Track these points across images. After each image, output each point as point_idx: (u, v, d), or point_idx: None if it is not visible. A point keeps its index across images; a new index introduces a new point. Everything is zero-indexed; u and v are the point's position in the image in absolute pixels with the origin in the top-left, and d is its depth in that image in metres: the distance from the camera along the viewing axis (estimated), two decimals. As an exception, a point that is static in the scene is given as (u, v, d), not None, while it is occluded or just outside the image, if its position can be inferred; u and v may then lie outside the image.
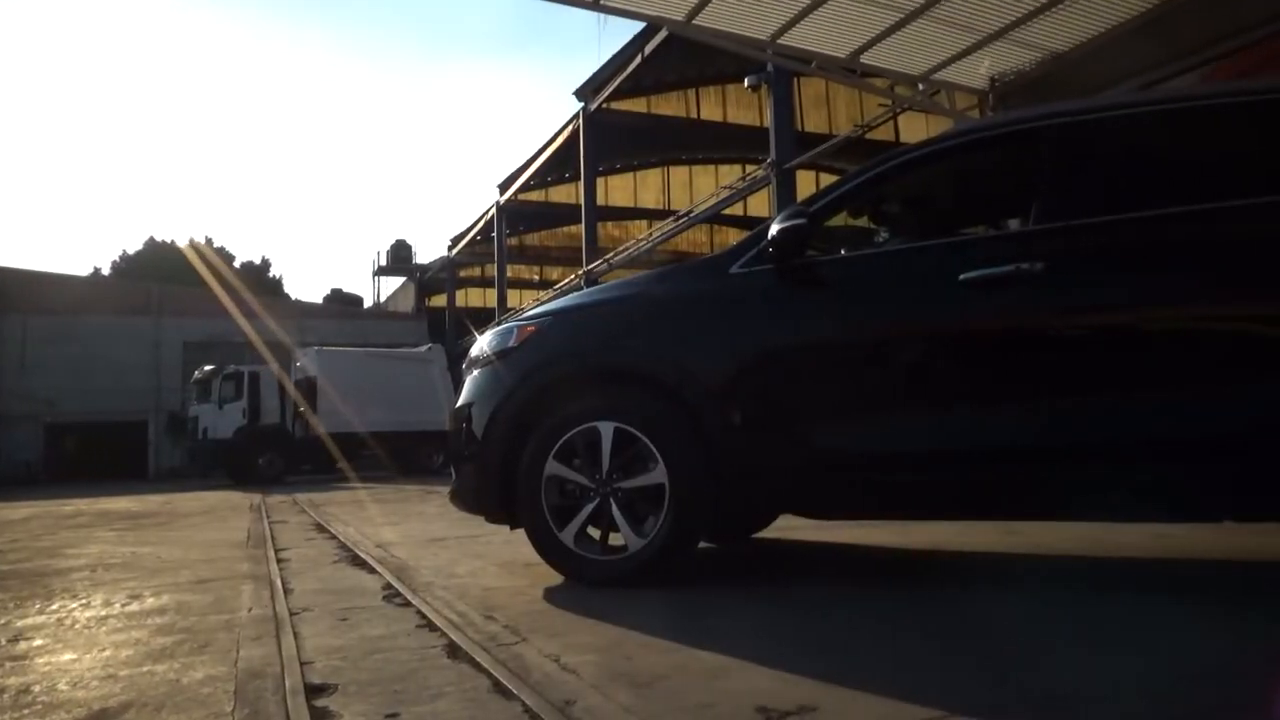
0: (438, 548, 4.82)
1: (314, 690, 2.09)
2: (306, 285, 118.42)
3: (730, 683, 2.01)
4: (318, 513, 8.19)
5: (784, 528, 4.77)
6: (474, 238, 31.59)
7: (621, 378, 3.38)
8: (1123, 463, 2.78)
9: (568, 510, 3.31)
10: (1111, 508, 3.08)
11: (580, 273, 21.54)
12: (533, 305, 20.63)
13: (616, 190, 28.33)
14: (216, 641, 2.69)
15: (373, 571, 4.04)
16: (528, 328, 3.59)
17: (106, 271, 47.47)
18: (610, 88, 19.99)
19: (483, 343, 3.78)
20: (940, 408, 3.03)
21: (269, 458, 19.77)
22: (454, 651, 2.40)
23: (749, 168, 21.07)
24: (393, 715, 1.88)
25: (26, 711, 2.05)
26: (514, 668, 2.19)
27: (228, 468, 19.96)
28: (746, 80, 14.69)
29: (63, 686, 2.25)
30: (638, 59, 18.56)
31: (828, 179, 18.95)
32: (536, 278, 34.07)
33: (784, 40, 8.30)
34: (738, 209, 23.14)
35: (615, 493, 3.24)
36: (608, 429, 3.26)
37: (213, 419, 20.72)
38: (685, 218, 20.29)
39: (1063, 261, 2.88)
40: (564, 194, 28.46)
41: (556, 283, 27.85)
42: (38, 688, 2.24)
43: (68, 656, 2.59)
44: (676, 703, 1.88)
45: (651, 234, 21.60)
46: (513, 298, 31.29)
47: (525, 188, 26.86)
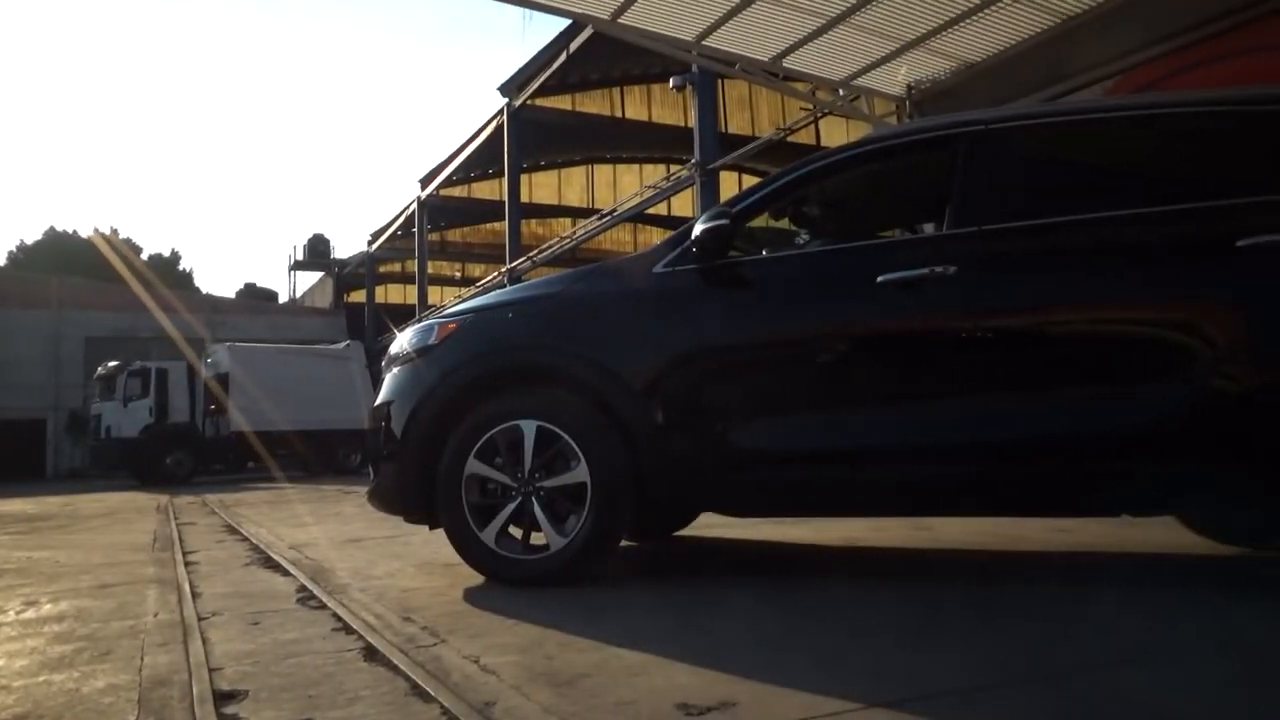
0: (355, 548, 4.72)
1: (223, 697, 2.03)
2: (219, 279, 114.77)
3: (651, 680, 2.01)
4: (228, 514, 7.94)
5: (704, 526, 4.81)
6: (394, 233, 31.03)
7: (544, 376, 3.36)
8: (1028, 460, 2.90)
9: (489, 509, 3.28)
10: (1018, 503, 3.20)
11: (503, 270, 21.36)
12: (454, 302, 20.36)
13: (540, 187, 28.17)
14: (119, 649, 2.58)
15: (286, 574, 3.93)
16: (449, 325, 3.55)
17: (2, 262, 45.18)
18: (535, 84, 19.87)
19: (403, 340, 3.71)
20: (858, 406, 3.10)
21: (177, 457, 19.09)
22: (371, 654, 2.36)
23: (673, 167, 21.19)
24: (306, 721, 1.83)
25: (-91, 726, 1.93)
26: (433, 669, 2.16)
27: (133, 468, 19.19)
28: (671, 81, 14.76)
29: (-50, 699, 2.13)
30: (563, 56, 18.49)
31: (751, 180, 19.18)
32: (458, 274, 33.65)
33: (709, 42, 8.37)
34: (662, 208, 23.25)
35: (537, 492, 3.23)
36: (530, 428, 3.24)
37: (117, 417, 19.89)
38: (609, 216, 20.30)
39: (974, 265, 2.98)
40: (487, 190, 28.18)
41: (479, 280, 27.58)
42: (-78, 701, 2.12)
43: (-44, 667, 2.45)
44: (597, 701, 1.88)
45: (575, 232, 21.56)
46: (434, 294, 30.84)
47: (448, 183, 26.49)
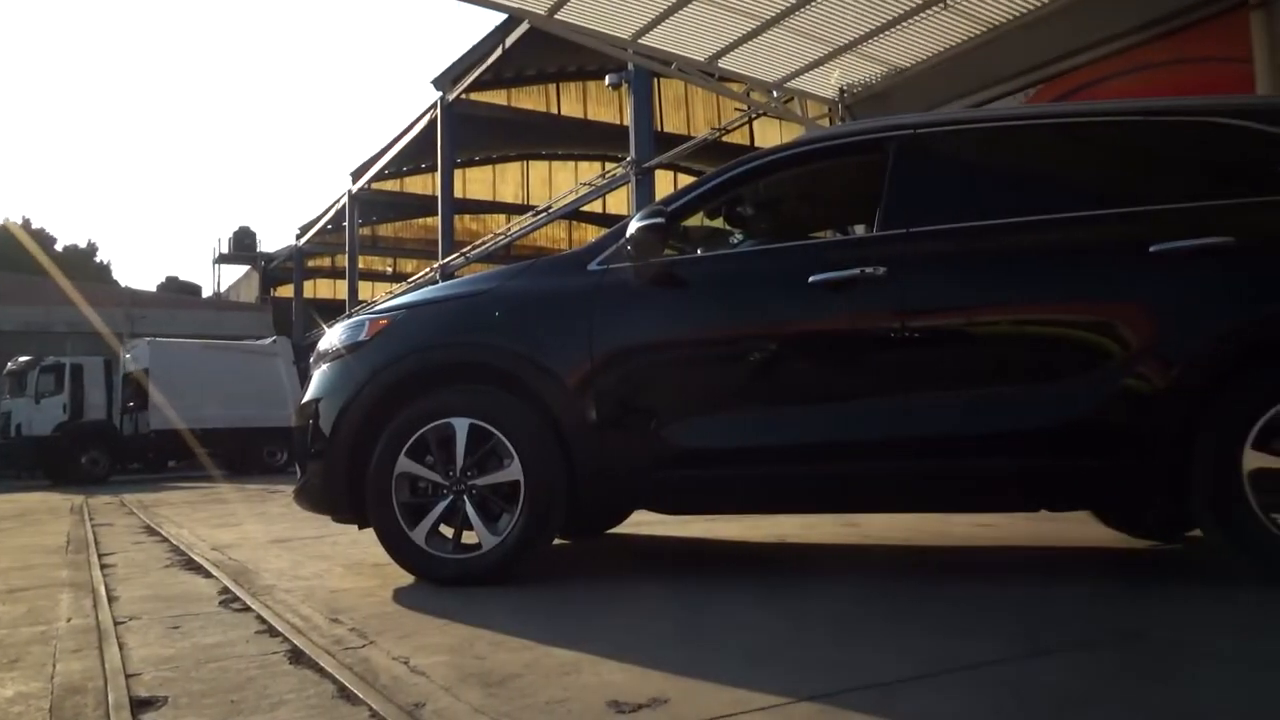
0: (280, 549, 4.62)
1: (141, 704, 1.97)
2: (139, 272, 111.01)
3: (583, 678, 2.01)
4: (147, 514, 7.69)
5: (637, 523, 4.82)
6: (324, 226, 30.38)
7: (477, 373, 3.33)
8: (953, 457, 2.98)
9: (419, 508, 3.24)
10: (943, 499, 3.29)
11: (436, 266, 21.09)
12: (386, 298, 20.04)
13: (474, 183, 27.90)
14: (30, 655, 2.48)
15: (208, 575, 3.83)
16: (380, 321, 3.49)
17: (-97, 251, 42.95)
18: (470, 78, 19.65)
19: (332, 336, 3.64)
20: (789, 405, 3.15)
21: (93, 456, 18.37)
22: (297, 657, 2.31)
23: (609, 165, 21.17)
24: (228, 726, 1.79)
25: None
26: (361, 671, 2.13)
27: (45, 467, 18.41)
28: (607, 79, 14.76)
29: None
30: (498, 51, 18.32)
31: (686, 179, 19.27)
32: (390, 270, 33.12)
33: (645, 41, 8.38)
34: (597, 206, 23.23)
35: (469, 490, 3.20)
36: (462, 425, 3.20)
37: (28, 414, 19.05)
38: (544, 213, 20.21)
39: (902, 266, 3.04)
40: (420, 184, 27.79)
41: (411, 276, 27.17)
42: None
43: None
44: (528, 701, 1.87)
45: (510, 228, 21.41)
46: (364, 290, 30.30)
47: (380, 177, 26.05)
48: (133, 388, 19.38)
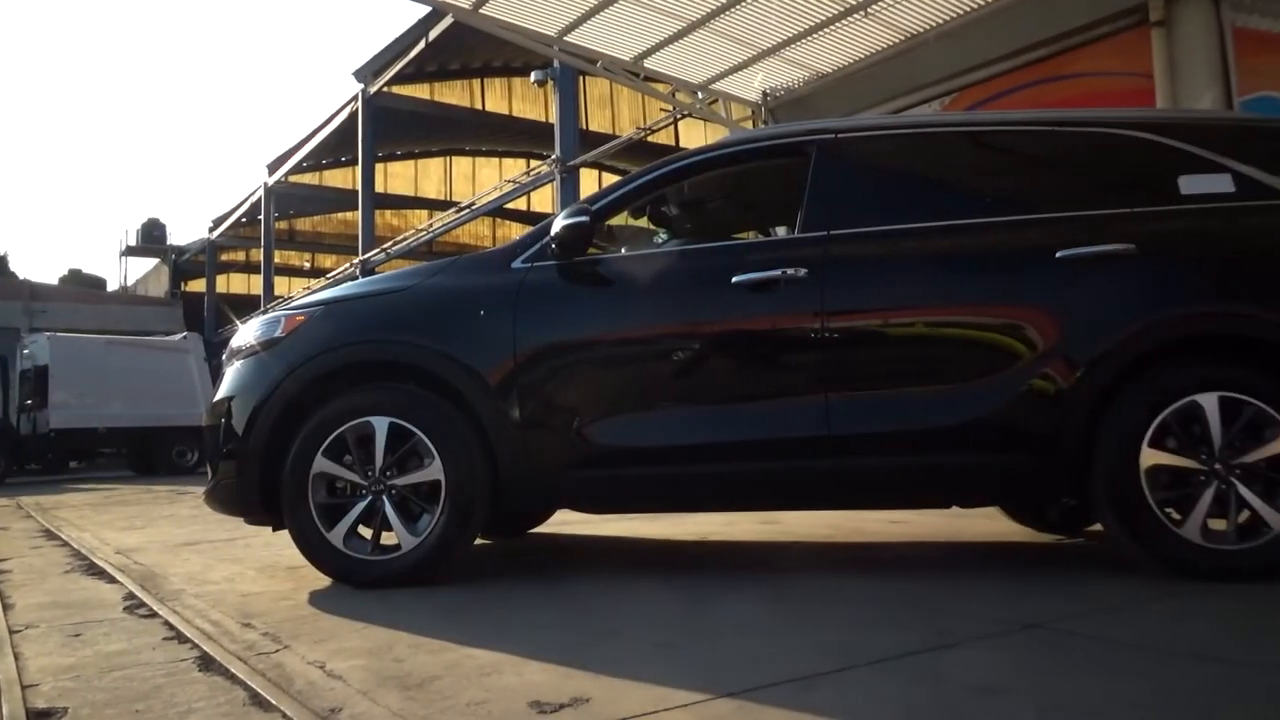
0: (190, 552, 4.47)
1: (38, 716, 1.88)
2: (40, 264, 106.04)
3: (504, 679, 2.00)
4: (46, 517, 7.34)
5: (560, 522, 4.81)
6: (239, 220, 29.47)
7: (398, 371, 3.28)
8: (871, 454, 3.06)
9: (337, 509, 3.17)
10: (860, 496, 3.37)
11: (356, 261, 20.63)
12: (303, 294, 19.55)
13: (396, 178, 27.38)
14: (-86, 667, 2.35)
15: (113, 581, 3.68)
16: (297, 317, 3.41)
17: None
18: (392, 71, 19.29)
19: (246, 332, 3.54)
20: (712, 404, 3.18)
21: (-13, 456, 17.48)
22: (207, 664, 2.24)
23: (533, 163, 21.04)
24: (132, 737, 1.72)
25: None
26: (274, 677, 2.07)
27: (-66, 468, 17.44)
28: (533, 75, 14.64)
29: None
30: (421, 44, 18.02)
31: (611, 178, 19.28)
32: (308, 265, 32.29)
33: (571, 38, 8.35)
34: (521, 203, 23.06)
35: (388, 490, 3.15)
36: (382, 424, 3.15)
37: (-84, 413, 18.05)
38: (468, 210, 19.96)
39: (823, 268, 3.10)
40: (340, 178, 27.15)
41: (330, 271, 26.55)
42: None
43: None
44: (448, 703, 1.85)
45: (432, 225, 21.08)
46: (281, 285, 29.47)
47: (298, 169, 25.36)
48: (31, 385, 18.48)
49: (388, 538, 3.18)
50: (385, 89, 19.99)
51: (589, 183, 17.12)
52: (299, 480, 3.16)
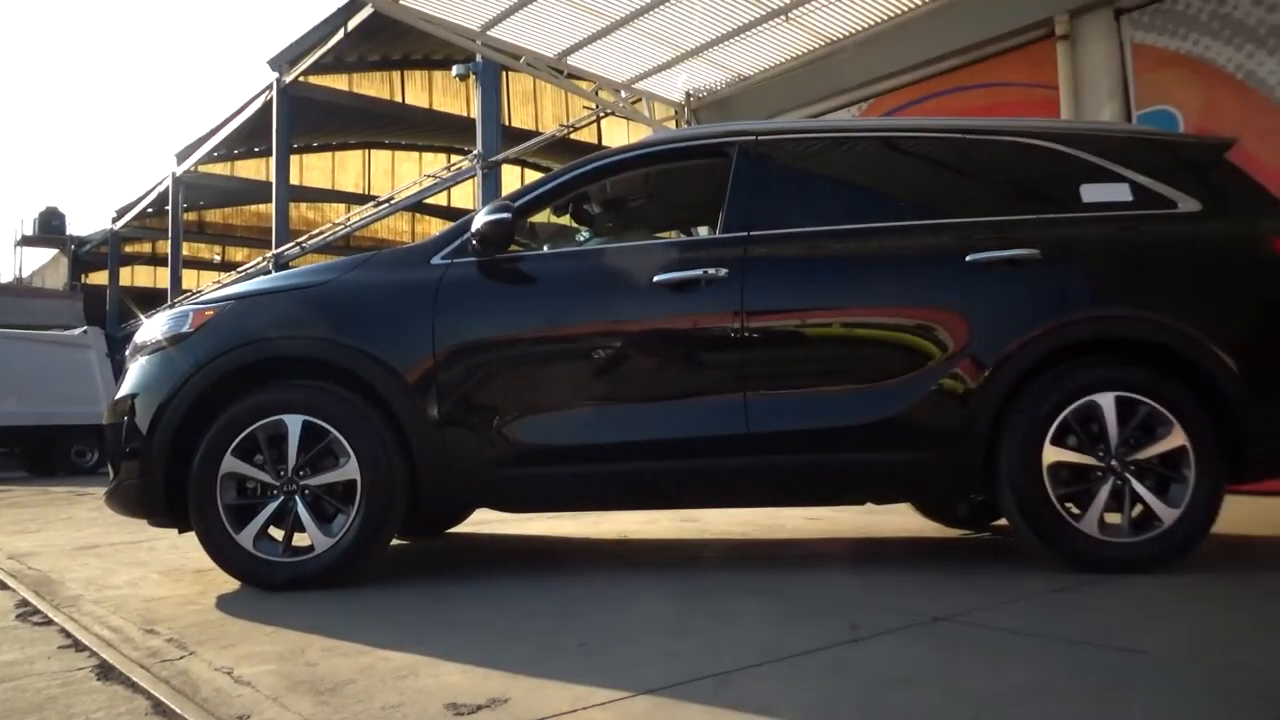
0: (89, 556, 4.28)
1: (-81, 730, 1.78)
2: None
3: (420, 681, 1.97)
4: (-68, 521, 6.95)
5: (479, 522, 4.77)
6: (145, 210, 28.34)
7: (312, 368, 3.20)
8: (789, 452, 3.11)
9: (247, 510, 3.08)
10: (780, 494, 3.42)
11: (269, 255, 20.06)
12: (213, 288, 18.91)
13: (312, 170, 26.70)
14: None
15: (4, 587, 3.50)
16: (206, 311, 3.30)
17: None
18: (309, 60, 18.80)
19: (152, 327, 3.41)
20: (632, 403, 3.19)
21: None
22: (106, 672, 2.15)
23: (454, 158, 20.78)
24: (24, 750, 1.64)
25: None
26: (179, 685, 2.00)
27: None
28: (454, 69, 14.47)
29: None
30: (340, 33, 17.61)
31: (533, 175, 19.16)
32: (218, 258, 31.24)
33: (494, 33, 8.26)
34: (442, 199, 22.72)
35: (302, 490, 3.07)
36: (295, 422, 3.08)
37: None
38: (386, 204, 19.58)
39: (743, 268, 3.15)
40: (253, 169, 26.34)
41: (242, 265, 25.75)
42: None
43: None
44: (362, 707, 1.81)
45: (350, 219, 20.62)
46: (189, 279, 28.46)
47: (208, 159, 24.50)
48: (-85, 381, 17.46)
49: (300, 539, 3.10)
50: (302, 78, 19.49)
51: (511, 179, 17.00)
52: (207, 480, 3.06)
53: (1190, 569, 2.97)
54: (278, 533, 3.10)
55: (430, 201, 21.95)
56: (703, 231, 4.39)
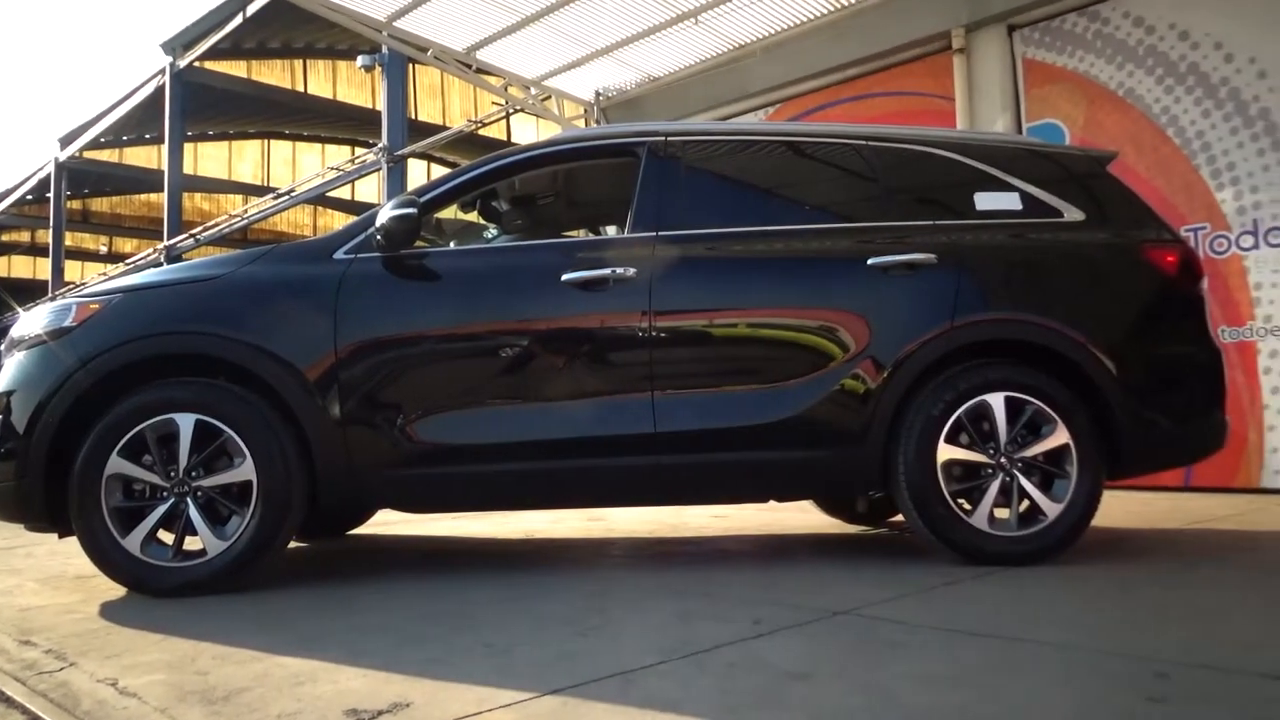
0: (-41, 563, 4.02)
1: None
2: None
3: (318, 688, 1.92)
4: None
5: (382, 522, 4.67)
6: (23, 197, 26.81)
7: (206, 365, 3.08)
8: (694, 451, 3.14)
9: (134, 513, 2.95)
10: (684, 493, 3.46)
11: (160, 247, 19.21)
12: (99, 280, 18.00)
13: (208, 159, 25.67)
14: None
15: None
16: (91, 305, 3.14)
17: None
18: (205, 45, 18.08)
19: (31, 320, 3.23)
20: (539, 401, 3.18)
21: None
22: (-24, 686, 2.02)
23: (359, 151, 20.31)
24: (-117, 772, 1.54)
25: None
26: (57, 698, 1.90)
27: None
28: (359, 60, 14.10)
29: None
30: (239, 18, 17.00)
31: (440, 170, 18.89)
32: (104, 249, 29.77)
33: (401, 24, 8.10)
34: (345, 192, 22.15)
35: (194, 492, 2.96)
36: (187, 421, 2.96)
37: None
38: (287, 196, 18.99)
39: (651, 268, 3.17)
40: (144, 157, 25.18)
41: (130, 257, 24.60)
42: None
43: None
44: (257, 716, 1.76)
45: (247, 210, 19.93)
46: (72, 270, 27.04)
47: (95, 145, 23.31)
48: None
49: (192, 542, 2.98)
50: (197, 64, 18.74)
51: (417, 174, 16.70)
52: (90, 482, 2.91)
53: (1074, 560, 3.13)
54: (168, 536, 2.98)
55: (333, 195, 21.35)
56: (611, 231, 4.40)
